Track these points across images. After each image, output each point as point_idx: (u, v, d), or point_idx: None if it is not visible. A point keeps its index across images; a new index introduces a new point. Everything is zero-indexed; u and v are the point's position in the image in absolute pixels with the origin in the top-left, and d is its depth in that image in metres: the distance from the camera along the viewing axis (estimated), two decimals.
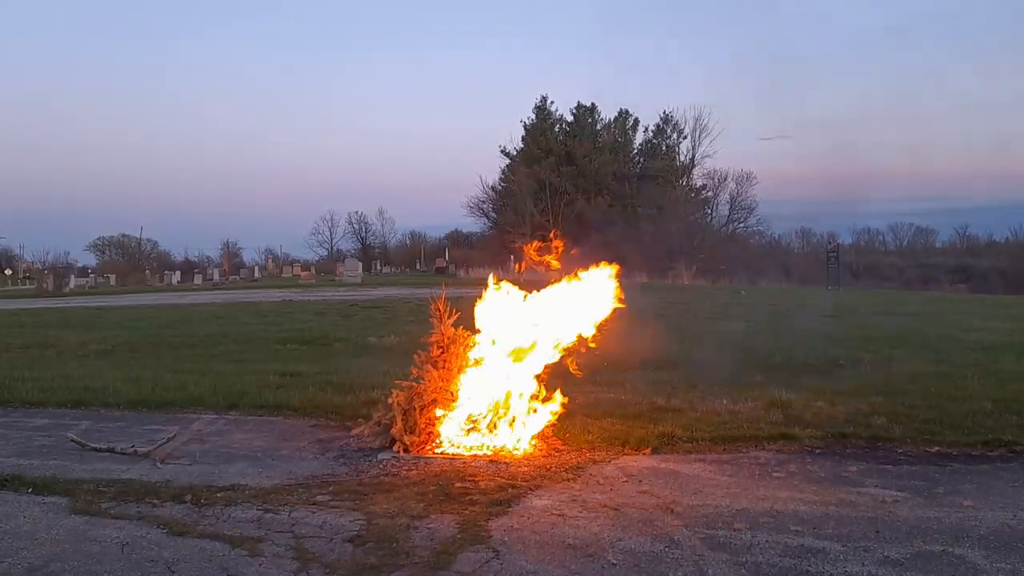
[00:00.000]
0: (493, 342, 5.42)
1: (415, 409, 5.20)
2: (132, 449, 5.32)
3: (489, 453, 5.14)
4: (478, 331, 5.53)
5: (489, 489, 4.39)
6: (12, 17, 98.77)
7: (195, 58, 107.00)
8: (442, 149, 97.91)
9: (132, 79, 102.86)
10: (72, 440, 5.54)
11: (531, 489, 4.39)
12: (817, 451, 5.25)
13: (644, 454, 5.19)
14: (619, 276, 5.39)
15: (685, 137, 56.78)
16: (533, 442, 5.30)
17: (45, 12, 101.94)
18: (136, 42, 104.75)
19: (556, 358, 5.47)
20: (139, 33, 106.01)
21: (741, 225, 56.06)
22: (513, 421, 5.32)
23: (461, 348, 5.38)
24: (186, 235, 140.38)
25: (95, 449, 5.40)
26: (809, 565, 3.31)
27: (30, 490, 4.54)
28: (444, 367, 5.32)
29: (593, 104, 57.52)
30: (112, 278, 50.55)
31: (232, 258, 64.84)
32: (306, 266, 59.61)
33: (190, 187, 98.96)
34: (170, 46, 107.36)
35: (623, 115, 58.04)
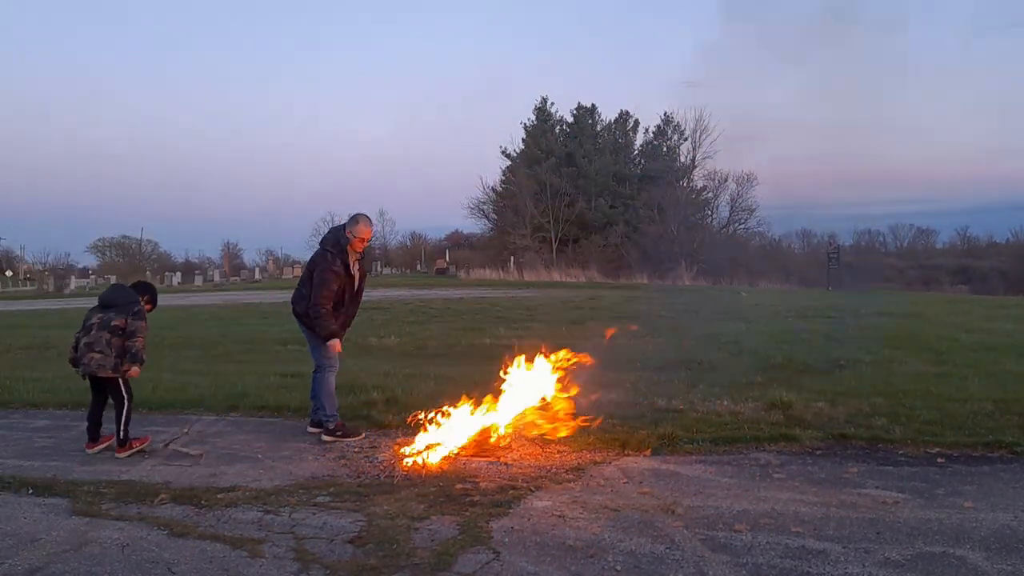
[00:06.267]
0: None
1: None
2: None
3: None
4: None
5: (490, 490, 4.39)
6: (13, 18, 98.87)
7: (194, 58, 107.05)
8: (442, 150, 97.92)
9: (132, 79, 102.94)
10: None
11: (531, 490, 4.40)
12: (818, 452, 5.25)
13: (644, 455, 5.19)
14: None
15: (686, 139, 56.76)
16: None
17: (44, 13, 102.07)
18: (135, 42, 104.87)
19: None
20: (138, 33, 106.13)
21: (742, 226, 55.99)
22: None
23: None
24: (186, 236, 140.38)
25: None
26: (810, 566, 3.30)
27: (31, 491, 4.55)
28: None
29: (593, 105, 57.47)
30: (113, 279, 50.56)
31: (233, 259, 64.81)
32: None
33: (190, 188, 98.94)
34: (168, 47, 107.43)
35: (623, 116, 58.03)
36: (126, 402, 5.37)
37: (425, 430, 5.35)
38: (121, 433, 5.34)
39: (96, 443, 5.42)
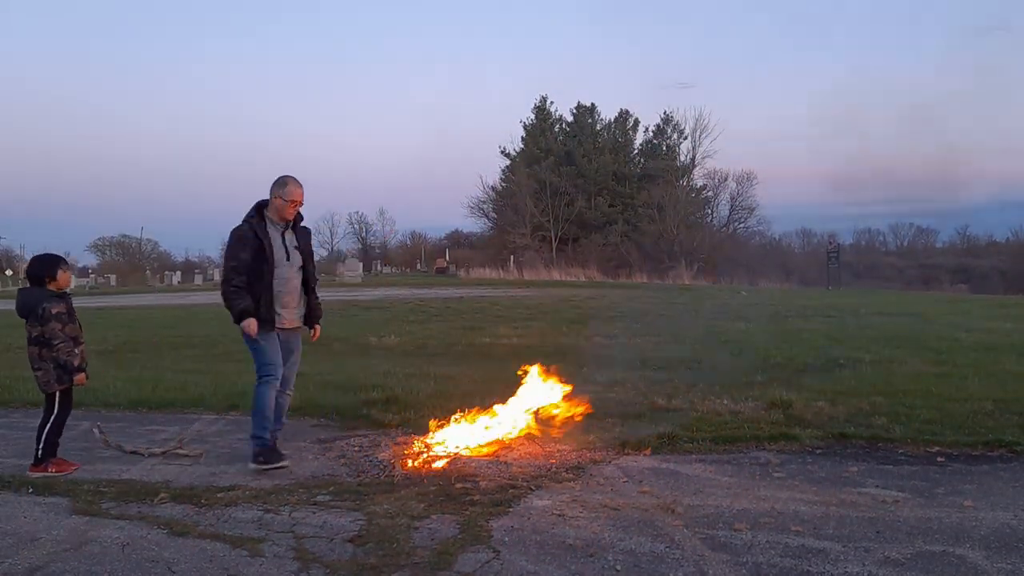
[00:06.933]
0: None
1: None
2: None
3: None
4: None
5: (489, 489, 4.39)
6: (14, 18, 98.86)
7: (195, 59, 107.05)
8: (442, 149, 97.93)
9: (133, 79, 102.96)
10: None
11: (531, 489, 4.39)
12: (818, 451, 5.24)
13: (644, 454, 5.19)
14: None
15: (685, 137, 56.79)
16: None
17: (44, 13, 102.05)
18: (137, 43, 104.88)
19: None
20: (140, 34, 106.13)
21: (742, 225, 56.01)
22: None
23: None
24: (186, 235, 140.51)
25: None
26: (810, 565, 3.30)
27: (31, 490, 4.55)
28: None
29: (593, 104, 57.54)
30: (112, 278, 50.62)
31: None
32: None
33: (190, 187, 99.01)
34: (169, 47, 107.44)
35: (623, 115, 58.02)
36: (53, 416, 4.95)
37: (432, 434, 5.39)
38: (39, 450, 4.88)
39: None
